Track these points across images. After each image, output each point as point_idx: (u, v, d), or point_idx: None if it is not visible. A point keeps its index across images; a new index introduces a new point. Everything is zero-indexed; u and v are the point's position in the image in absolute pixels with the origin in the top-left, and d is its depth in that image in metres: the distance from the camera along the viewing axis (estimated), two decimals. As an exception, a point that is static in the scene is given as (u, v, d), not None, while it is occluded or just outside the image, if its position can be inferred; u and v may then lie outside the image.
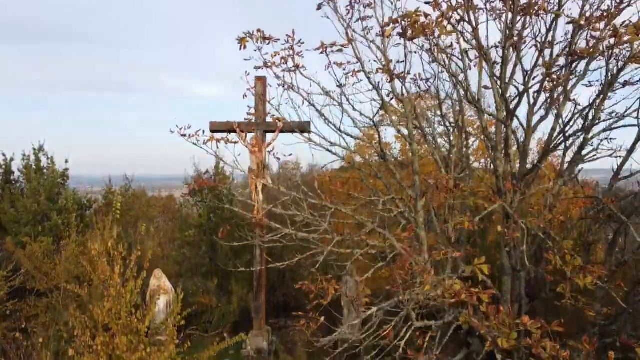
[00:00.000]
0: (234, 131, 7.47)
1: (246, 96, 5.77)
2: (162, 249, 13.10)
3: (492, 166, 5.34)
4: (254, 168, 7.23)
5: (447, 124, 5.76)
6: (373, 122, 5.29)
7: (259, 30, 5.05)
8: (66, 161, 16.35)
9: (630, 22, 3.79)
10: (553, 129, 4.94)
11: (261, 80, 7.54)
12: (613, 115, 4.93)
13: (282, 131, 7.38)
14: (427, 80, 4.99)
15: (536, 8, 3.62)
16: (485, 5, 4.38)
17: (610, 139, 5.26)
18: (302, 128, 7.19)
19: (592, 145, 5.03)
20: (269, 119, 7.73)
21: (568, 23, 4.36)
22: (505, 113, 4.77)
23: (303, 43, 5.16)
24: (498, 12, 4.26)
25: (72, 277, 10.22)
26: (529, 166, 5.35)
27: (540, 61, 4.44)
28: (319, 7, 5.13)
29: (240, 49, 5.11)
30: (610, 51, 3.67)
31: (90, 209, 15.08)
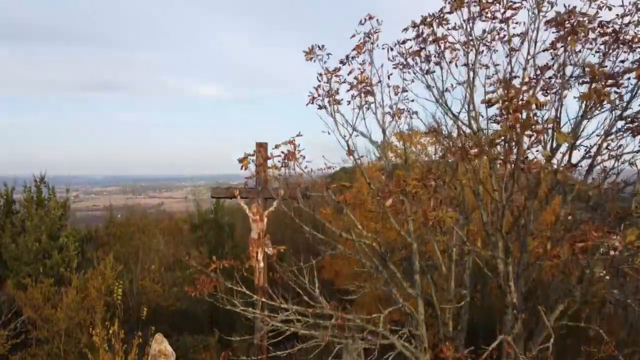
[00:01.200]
0: (235, 197, 7.46)
1: (247, 185, 5.75)
2: (162, 285, 13.09)
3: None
4: (255, 237, 7.23)
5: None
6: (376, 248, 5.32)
7: (259, 151, 5.05)
8: (67, 190, 16.37)
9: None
10: (544, 245, 4.92)
11: (262, 146, 7.51)
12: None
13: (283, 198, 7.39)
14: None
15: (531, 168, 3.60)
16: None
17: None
18: (303, 195, 7.17)
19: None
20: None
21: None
22: (504, 252, 4.78)
23: (304, 149, 5.14)
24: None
25: (74, 324, 10.24)
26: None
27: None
28: (320, 107, 5.13)
29: (242, 169, 5.12)
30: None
31: (92, 241, 15.08)
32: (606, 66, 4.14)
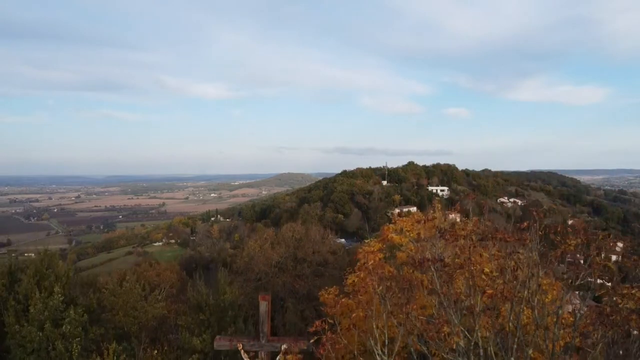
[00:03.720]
0: (238, 350, 7.48)
1: None
2: (166, 365, 13.15)
3: None
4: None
5: None
6: None
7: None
8: (68, 252, 16.37)
9: None
10: None
11: (265, 298, 7.51)
12: None
13: (287, 353, 7.39)
14: None
15: None
16: None
17: None
18: (307, 348, 7.21)
19: None
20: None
21: None
22: None
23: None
24: None
25: None
26: None
27: None
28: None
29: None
30: None
31: (94, 312, 15.08)
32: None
